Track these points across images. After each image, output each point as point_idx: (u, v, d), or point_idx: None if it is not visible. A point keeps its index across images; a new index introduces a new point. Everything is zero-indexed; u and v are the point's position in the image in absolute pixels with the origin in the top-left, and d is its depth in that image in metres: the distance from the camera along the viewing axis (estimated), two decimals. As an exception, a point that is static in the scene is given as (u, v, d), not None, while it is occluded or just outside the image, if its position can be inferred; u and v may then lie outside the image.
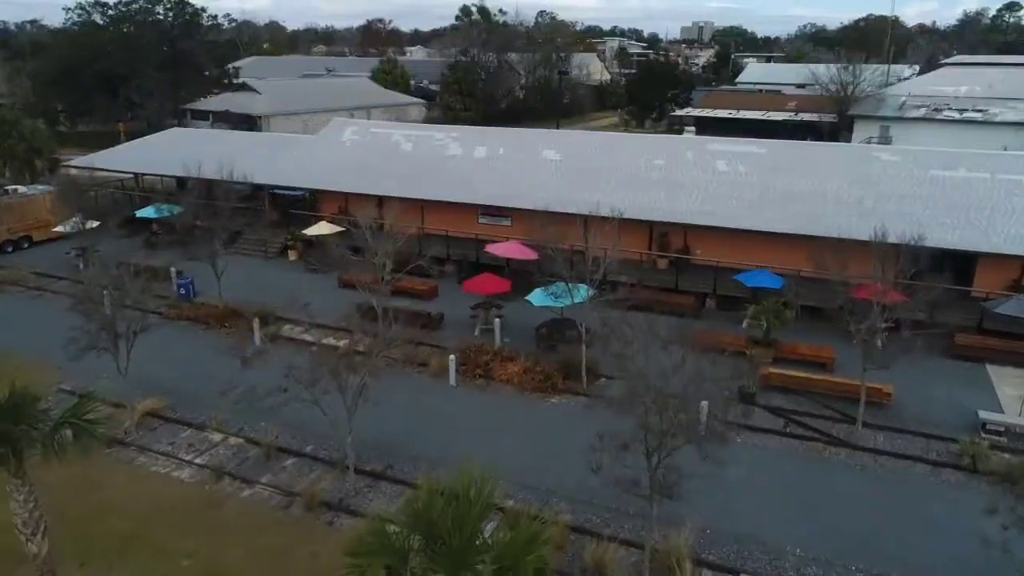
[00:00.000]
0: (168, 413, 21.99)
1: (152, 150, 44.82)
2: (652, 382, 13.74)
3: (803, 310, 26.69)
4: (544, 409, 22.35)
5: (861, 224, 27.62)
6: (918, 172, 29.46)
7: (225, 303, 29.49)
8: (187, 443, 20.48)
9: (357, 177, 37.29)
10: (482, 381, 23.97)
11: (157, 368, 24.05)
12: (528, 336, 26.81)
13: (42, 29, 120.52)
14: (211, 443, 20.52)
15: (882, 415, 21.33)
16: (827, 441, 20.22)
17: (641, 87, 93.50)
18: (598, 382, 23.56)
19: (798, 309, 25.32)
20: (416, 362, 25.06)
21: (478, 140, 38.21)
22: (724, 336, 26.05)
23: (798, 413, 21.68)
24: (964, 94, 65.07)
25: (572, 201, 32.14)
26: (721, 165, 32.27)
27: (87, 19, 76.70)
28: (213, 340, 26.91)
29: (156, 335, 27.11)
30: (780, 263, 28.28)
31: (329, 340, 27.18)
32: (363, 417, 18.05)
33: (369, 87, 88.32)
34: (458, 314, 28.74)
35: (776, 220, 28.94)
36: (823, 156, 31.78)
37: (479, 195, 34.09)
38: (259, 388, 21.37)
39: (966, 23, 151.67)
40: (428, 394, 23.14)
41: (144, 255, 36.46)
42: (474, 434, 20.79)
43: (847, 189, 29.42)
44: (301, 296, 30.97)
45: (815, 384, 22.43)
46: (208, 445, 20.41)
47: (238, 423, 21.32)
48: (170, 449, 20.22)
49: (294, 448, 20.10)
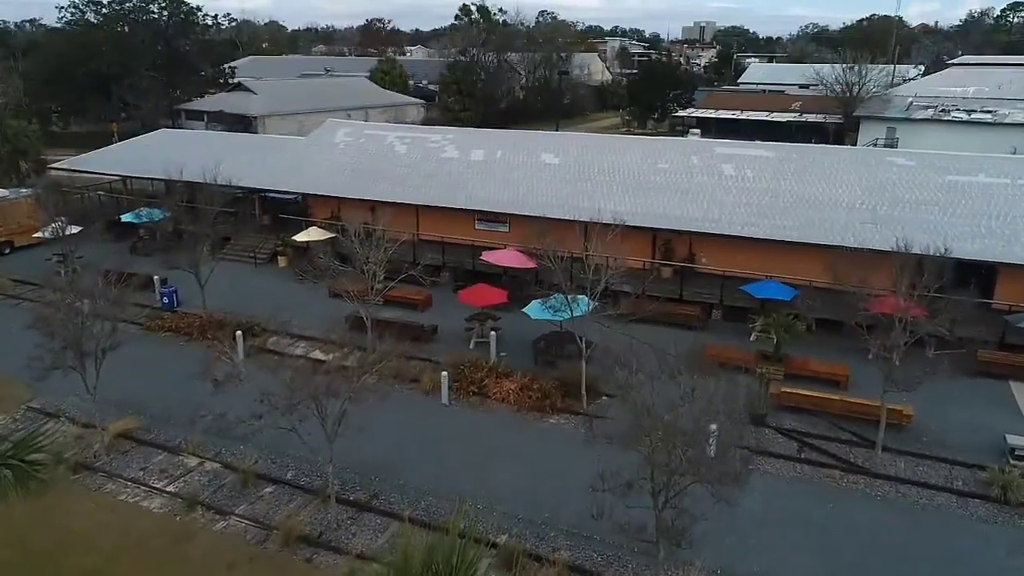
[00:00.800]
0: (142, 434, 20.66)
1: (139, 152, 43.49)
2: (659, 415, 12.46)
3: (816, 323, 25.40)
4: (541, 431, 21.02)
5: (875, 232, 26.40)
6: (934, 177, 28.10)
7: (209, 313, 28.19)
8: (160, 468, 19.15)
9: (350, 181, 35.98)
10: (476, 399, 22.65)
11: (133, 384, 22.77)
12: (525, 349, 25.50)
13: (41, 28, 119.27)
14: (186, 468, 19.20)
15: (902, 438, 19.99)
16: (845, 468, 18.87)
17: (643, 87, 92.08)
18: (598, 400, 22.24)
19: (812, 323, 23.96)
20: (407, 378, 23.72)
21: (475, 142, 36.89)
22: (732, 351, 24.81)
23: (813, 436, 20.34)
24: (972, 95, 63.73)
25: (572, 207, 30.88)
26: (728, 169, 30.92)
27: (80, 18, 75.43)
28: (195, 353, 25.59)
29: (135, 347, 25.97)
30: (790, 273, 26.96)
31: (316, 353, 26.03)
32: (348, 440, 16.73)
33: (367, 87, 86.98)
34: (452, 325, 27.41)
35: (785, 228, 27.61)
36: (834, 160, 30.40)
37: (476, 200, 32.78)
38: (232, 414, 19.99)
39: (970, 23, 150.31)
40: (419, 414, 21.81)
41: (129, 261, 35.16)
42: (466, 459, 19.46)
43: (860, 195, 28.07)
44: (288, 306, 30.03)
45: (831, 404, 21.06)
46: (183, 471, 19.09)
47: (215, 446, 20.01)
48: (141, 475, 18.90)
49: (274, 474, 18.78)
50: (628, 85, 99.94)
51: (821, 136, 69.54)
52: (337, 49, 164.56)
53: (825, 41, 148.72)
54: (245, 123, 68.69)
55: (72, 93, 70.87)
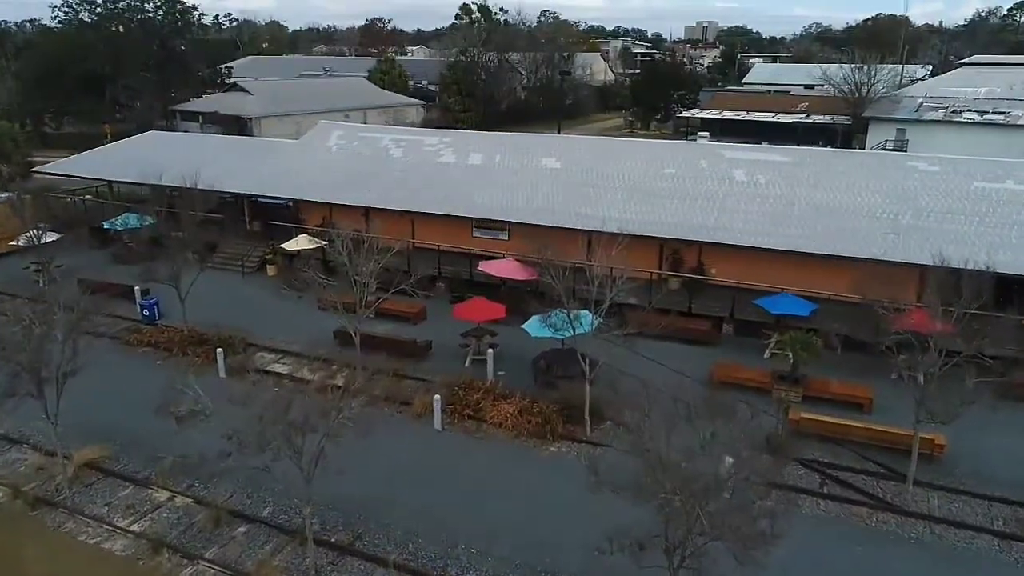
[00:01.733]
0: (110, 464, 19.08)
1: (125, 155, 41.93)
2: (674, 465, 10.88)
3: (834, 340, 23.78)
4: (542, 461, 19.40)
5: (899, 243, 24.82)
6: (961, 184, 26.46)
7: (191, 327, 26.61)
8: (126, 504, 17.55)
9: (342, 186, 34.41)
10: (472, 423, 21.05)
11: (105, 406, 21.25)
12: (525, 367, 23.87)
13: (41, 28, 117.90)
14: (154, 504, 17.60)
15: (934, 471, 18.38)
16: (874, 505, 17.26)
17: (646, 88, 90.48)
18: (603, 426, 20.65)
19: (837, 342, 22.26)
20: (397, 400, 22.14)
21: (473, 146, 35.31)
22: (744, 370, 23.20)
23: (836, 467, 18.71)
24: (983, 95, 62.03)
25: (575, 214, 29.34)
26: (739, 175, 29.31)
27: (74, 17, 73.90)
28: (173, 371, 24.03)
29: (111, 364, 24.49)
30: (807, 286, 25.34)
31: (303, 372, 24.49)
32: (330, 473, 15.19)
33: (366, 88, 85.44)
34: (448, 340, 25.81)
35: (801, 238, 26.01)
36: (853, 165, 28.77)
37: (473, 207, 31.19)
38: (200, 450, 18.20)
39: (976, 22, 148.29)
40: (409, 441, 20.20)
41: (111, 270, 33.64)
42: (460, 494, 17.86)
43: (881, 203, 26.44)
44: (275, 319, 28.50)
45: (856, 432, 19.41)
46: (150, 506, 17.49)
47: (187, 478, 18.40)
48: (106, 511, 17.32)
49: (249, 511, 17.18)
50: (631, 85, 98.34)
51: (829, 138, 68.04)
52: (337, 49, 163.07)
53: (829, 41, 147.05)
54: (241, 124, 67.18)
55: (64, 94, 69.46)
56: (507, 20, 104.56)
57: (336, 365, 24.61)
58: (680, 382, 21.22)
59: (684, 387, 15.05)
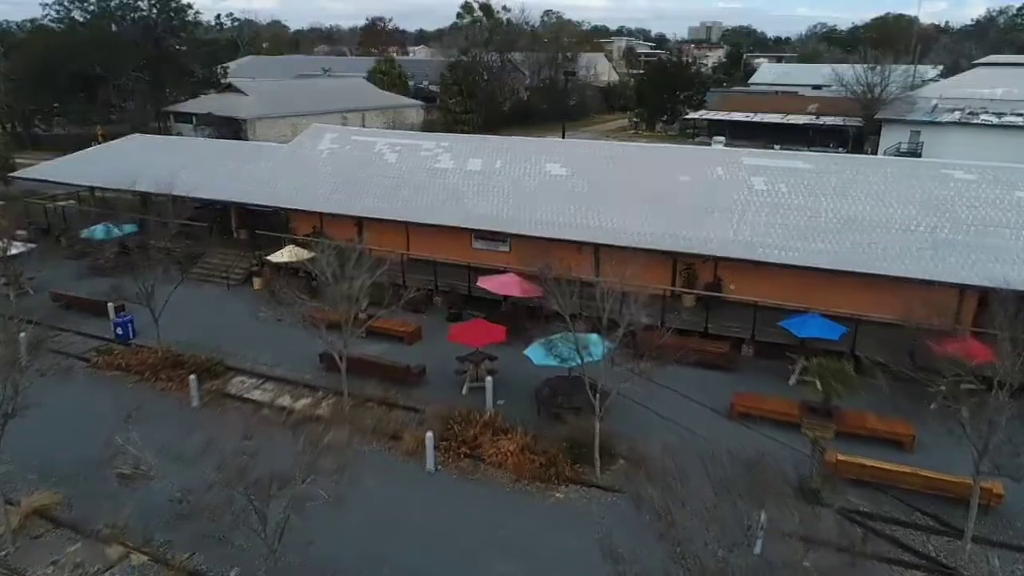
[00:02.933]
0: (61, 512, 16.97)
1: (108, 159, 39.87)
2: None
3: (869, 367, 21.64)
4: (547, 509, 17.24)
5: (936, 259, 22.68)
6: (1001, 194, 24.30)
7: (166, 348, 24.54)
8: (73, 564, 15.46)
9: (333, 193, 32.33)
10: (468, 463, 18.92)
11: (61, 440, 19.16)
12: (527, 397, 21.67)
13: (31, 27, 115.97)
14: (107, 561, 15.50)
15: (991, 524, 16.24)
16: (928, 568, 15.11)
17: (652, 88, 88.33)
18: (615, 466, 18.53)
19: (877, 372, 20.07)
20: (386, 434, 20.05)
21: (472, 151, 33.18)
22: (768, 401, 21.04)
23: (879, 519, 16.57)
24: (1001, 96, 59.79)
25: (581, 225, 27.26)
26: (758, 183, 27.17)
27: (65, 15, 71.94)
28: (143, 399, 22.02)
29: (73, 390, 22.48)
30: (833, 305, 23.22)
31: (285, 399, 22.43)
32: (309, 524, 13.12)
33: (364, 88, 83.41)
34: (444, 363, 23.68)
35: (828, 253, 23.87)
36: (882, 173, 26.55)
37: (473, 216, 29.08)
38: (152, 506, 16.04)
39: (985, 22, 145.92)
40: (397, 485, 18.02)
41: (86, 284, 31.57)
42: (454, 550, 15.72)
43: (915, 215, 24.27)
44: (258, 337, 26.46)
45: (904, 479, 17.19)
46: (101, 567, 15.38)
47: (146, 531, 16.24)
48: (50, 573, 15.24)
49: (213, 573, 15.05)
50: (637, 86, 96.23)
51: (840, 140, 65.94)
52: (338, 49, 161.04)
53: (836, 41, 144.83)
54: (235, 127, 65.18)
55: (54, 94, 67.53)
56: (510, 19, 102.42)
57: (320, 392, 22.76)
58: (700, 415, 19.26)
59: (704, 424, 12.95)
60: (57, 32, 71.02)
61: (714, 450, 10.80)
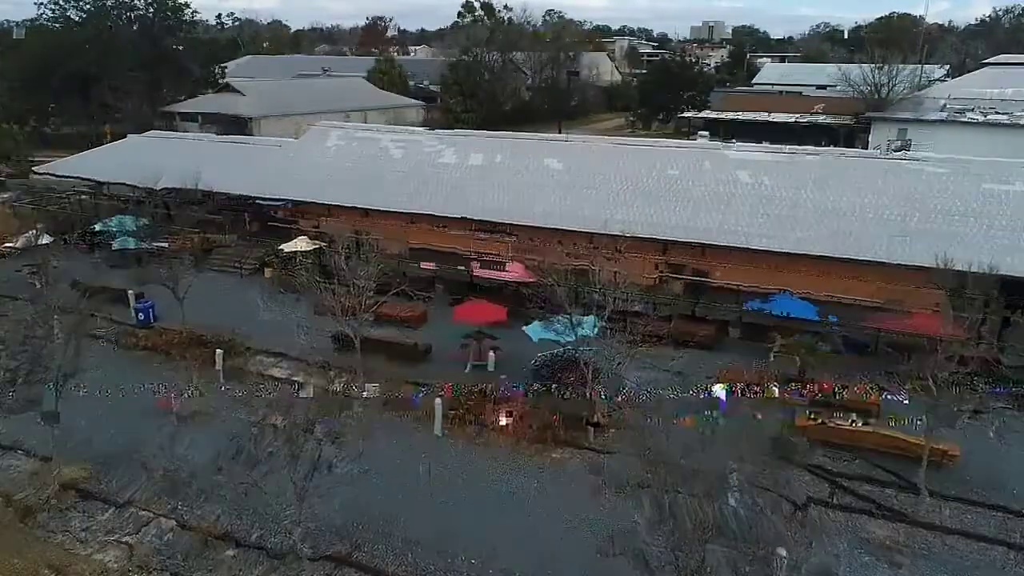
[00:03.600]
0: (91, 485, 18.31)
1: (117, 157, 41.42)
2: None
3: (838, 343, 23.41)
4: (544, 467, 18.95)
5: (906, 246, 24.39)
6: (969, 186, 26.00)
7: (189, 329, 26.25)
8: (107, 528, 16.90)
9: (340, 187, 34.01)
10: (473, 429, 20.65)
11: (93, 415, 20.73)
12: (526, 372, 23.34)
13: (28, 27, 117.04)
14: (138, 523, 16.98)
15: (946, 480, 17.92)
16: (886, 517, 16.81)
17: (656, 88, 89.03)
18: (606, 433, 20.23)
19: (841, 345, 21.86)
20: (397, 405, 21.74)
21: (474, 147, 34.86)
22: (752, 375, 22.73)
23: (847, 477, 18.27)
24: (1010, 96, 60.44)
25: (577, 216, 28.92)
26: (743, 176, 28.86)
27: (61, 15, 72.60)
28: (170, 376, 23.65)
29: (103, 370, 24.06)
30: (812, 288, 24.99)
31: (300, 376, 24.08)
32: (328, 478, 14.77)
33: (364, 88, 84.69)
34: (448, 343, 25.38)
35: (808, 240, 25.57)
36: (859, 167, 28.26)
37: (474, 209, 30.74)
38: (187, 464, 17.59)
39: (990, 22, 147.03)
40: (409, 446, 19.79)
41: (104, 273, 33.10)
42: (460, 503, 17.46)
43: (889, 205, 25.99)
44: (273, 322, 28.05)
45: (866, 439, 18.96)
46: (134, 525, 16.87)
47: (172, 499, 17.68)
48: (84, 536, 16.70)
49: (239, 534, 16.43)
50: (640, 85, 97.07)
51: (831, 138, 66.98)
52: (338, 49, 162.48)
53: (839, 41, 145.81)
54: (240, 125, 66.67)
55: (49, 94, 67.83)
56: (511, 19, 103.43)
57: (335, 370, 24.43)
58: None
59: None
60: (53, 32, 71.11)
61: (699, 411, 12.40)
